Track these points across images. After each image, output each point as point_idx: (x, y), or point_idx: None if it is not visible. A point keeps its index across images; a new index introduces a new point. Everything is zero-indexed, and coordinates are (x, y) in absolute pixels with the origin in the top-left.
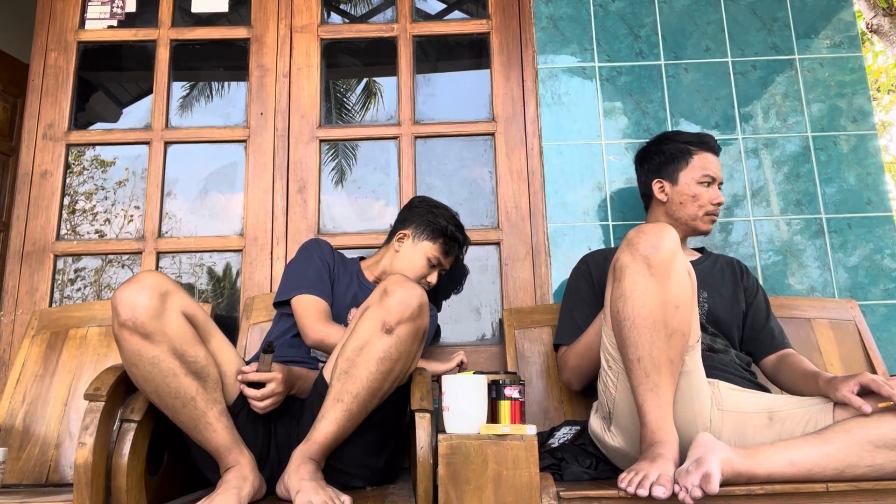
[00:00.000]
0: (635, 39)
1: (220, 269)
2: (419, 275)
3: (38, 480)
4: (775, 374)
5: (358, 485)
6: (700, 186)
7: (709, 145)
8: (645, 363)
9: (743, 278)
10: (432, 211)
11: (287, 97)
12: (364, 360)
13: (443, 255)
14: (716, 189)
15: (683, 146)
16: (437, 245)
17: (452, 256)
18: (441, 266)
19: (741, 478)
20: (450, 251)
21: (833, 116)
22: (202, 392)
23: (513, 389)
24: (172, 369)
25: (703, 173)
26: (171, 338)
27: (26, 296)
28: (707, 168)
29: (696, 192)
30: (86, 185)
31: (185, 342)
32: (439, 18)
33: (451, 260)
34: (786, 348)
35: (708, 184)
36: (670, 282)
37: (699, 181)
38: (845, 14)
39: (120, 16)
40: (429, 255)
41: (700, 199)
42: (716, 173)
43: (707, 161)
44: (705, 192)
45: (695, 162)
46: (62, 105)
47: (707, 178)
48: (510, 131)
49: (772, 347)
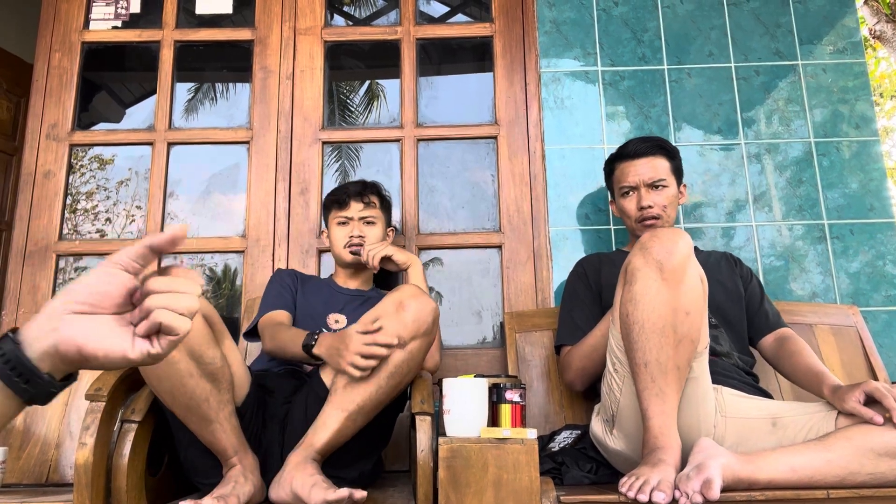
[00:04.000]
0: (638, 44)
1: (221, 271)
2: (343, 242)
3: (39, 480)
4: (775, 359)
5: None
6: (624, 199)
7: (623, 154)
8: (652, 368)
9: (737, 267)
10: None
11: (290, 99)
12: (374, 372)
13: (340, 208)
14: (641, 194)
15: (608, 166)
16: (333, 209)
17: (352, 200)
18: (353, 218)
19: (742, 484)
20: (342, 200)
21: (835, 122)
22: (215, 393)
23: (513, 393)
24: (189, 370)
25: (619, 186)
26: (190, 339)
27: (28, 295)
28: (622, 179)
29: (622, 206)
30: (88, 185)
31: (204, 343)
32: (443, 22)
33: (359, 206)
34: (781, 328)
35: (627, 193)
36: (682, 288)
37: (621, 195)
38: (849, 20)
39: (124, 16)
40: (334, 221)
41: (626, 211)
42: (633, 180)
43: (623, 172)
44: (629, 203)
45: (615, 177)
46: (66, 105)
47: (625, 189)
48: (513, 135)
49: (767, 328)
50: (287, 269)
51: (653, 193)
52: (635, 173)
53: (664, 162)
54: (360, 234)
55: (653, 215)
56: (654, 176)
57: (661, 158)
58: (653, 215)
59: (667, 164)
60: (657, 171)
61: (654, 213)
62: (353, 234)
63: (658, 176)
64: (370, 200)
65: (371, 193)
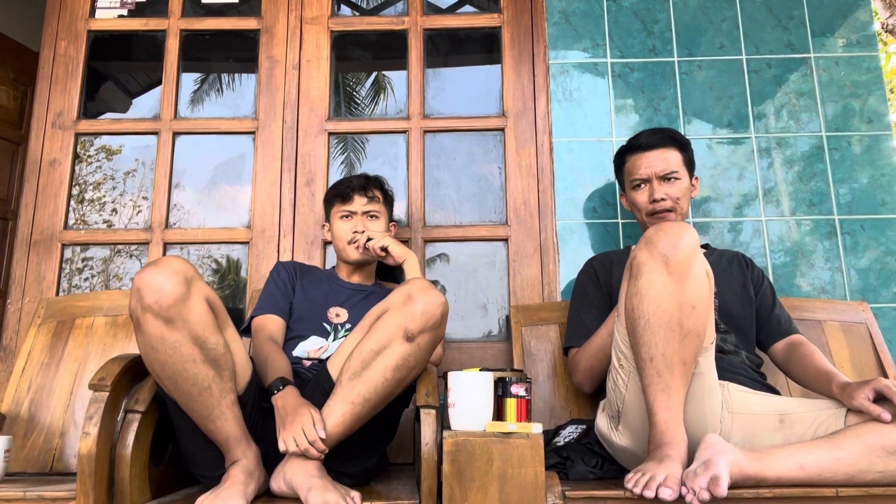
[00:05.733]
0: (648, 35)
1: (226, 261)
2: (347, 237)
3: (43, 469)
4: (786, 364)
5: (346, 483)
6: (635, 192)
7: (634, 146)
8: (657, 363)
9: (749, 270)
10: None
11: (296, 89)
12: (380, 364)
13: (343, 202)
14: (653, 187)
15: (618, 158)
16: (336, 203)
17: (356, 194)
18: (357, 212)
19: (749, 481)
20: (346, 194)
21: (847, 116)
22: (218, 380)
23: (519, 387)
24: (192, 355)
25: (630, 179)
26: (194, 324)
27: (33, 284)
28: (633, 172)
29: (633, 199)
30: (94, 175)
31: (207, 329)
32: (451, 12)
33: (363, 200)
34: (793, 334)
35: (638, 185)
36: (688, 282)
37: (632, 188)
38: (862, 13)
39: (130, 5)
40: (336, 215)
41: (637, 204)
42: (645, 172)
43: (634, 164)
44: (640, 196)
45: (626, 169)
46: (71, 94)
47: (636, 181)
48: (520, 127)
49: (779, 334)
50: (287, 261)
51: (665, 186)
52: (647, 165)
53: (676, 154)
54: (364, 229)
55: (666, 208)
56: (666, 168)
57: (673, 150)
58: (666, 208)
59: (679, 155)
60: (669, 163)
61: (668, 205)
62: (356, 228)
63: (670, 168)
64: (374, 195)
65: (374, 188)
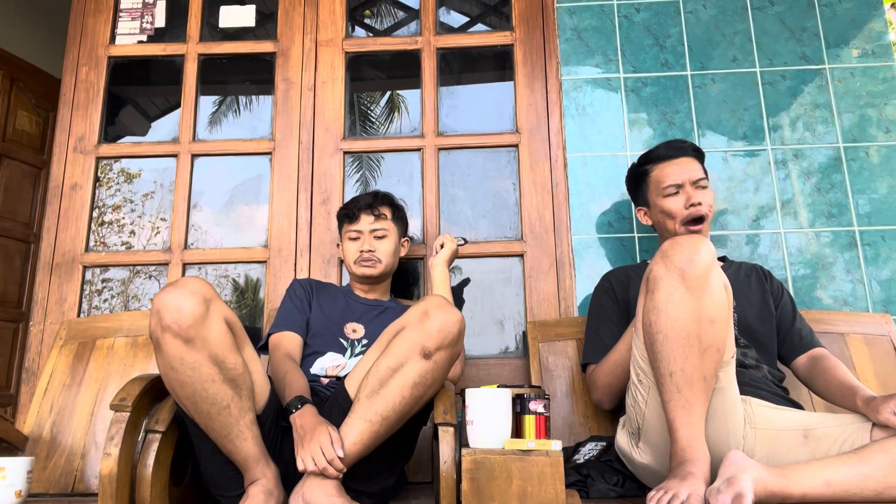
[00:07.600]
0: (661, 50)
1: (244, 281)
2: (354, 256)
3: (65, 490)
4: (809, 378)
5: (365, 502)
6: (668, 200)
7: (661, 155)
8: (677, 378)
9: (768, 283)
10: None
11: (312, 110)
12: (398, 382)
13: (350, 221)
14: (687, 192)
15: (640, 169)
16: (344, 223)
17: (362, 213)
18: (364, 231)
19: (774, 498)
20: (352, 213)
21: (864, 127)
22: (237, 400)
23: (537, 404)
24: (211, 375)
25: (663, 186)
26: (213, 344)
27: (55, 306)
28: (664, 179)
29: (665, 208)
30: (114, 198)
31: (226, 349)
32: (463, 31)
33: (369, 219)
34: (815, 347)
35: (673, 193)
36: (705, 295)
37: (664, 195)
38: (876, 23)
39: (149, 31)
40: (346, 235)
41: (672, 212)
42: (678, 178)
43: (663, 172)
44: (674, 202)
45: (652, 178)
46: (92, 119)
47: (671, 189)
48: (534, 143)
49: (801, 347)
50: (303, 278)
51: (699, 192)
52: (680, 172)
53: (699, 164)
54: (371, 249)
55: (703, 213)
56: (699, 174)
57: (696, 160)
58: (703, 213)
59: (701, 166)
60: (697, 170)
61: (704, 210)
62: (363, 248)
63: (701, 174)
64: (380, 213)
65: (381, 205)
